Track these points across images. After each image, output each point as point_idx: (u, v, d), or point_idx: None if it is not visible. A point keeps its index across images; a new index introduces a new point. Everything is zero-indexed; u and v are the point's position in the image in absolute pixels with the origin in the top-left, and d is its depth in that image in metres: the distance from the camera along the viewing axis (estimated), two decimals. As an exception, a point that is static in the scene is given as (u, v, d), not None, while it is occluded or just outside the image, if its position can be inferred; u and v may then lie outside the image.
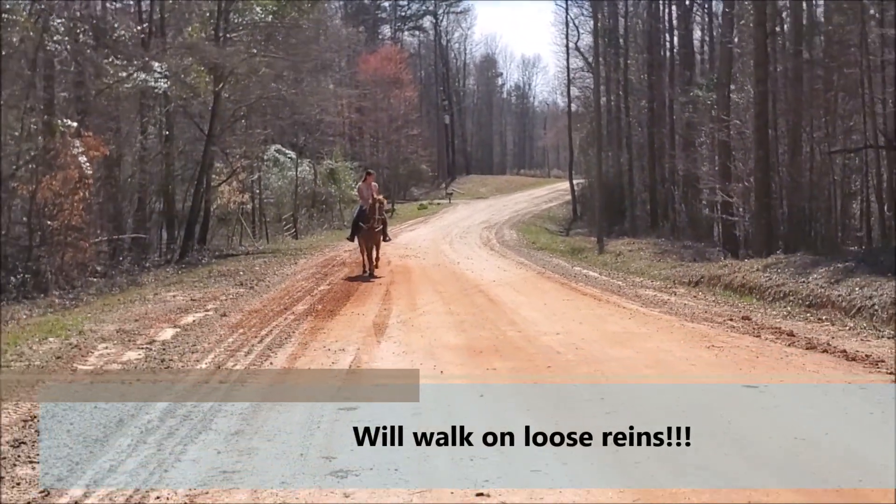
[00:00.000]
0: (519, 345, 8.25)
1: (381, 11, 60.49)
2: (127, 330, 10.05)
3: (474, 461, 4.52)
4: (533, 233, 32.41)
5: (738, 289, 14.03)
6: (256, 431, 5.39)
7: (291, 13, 26.39)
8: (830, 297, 11.76)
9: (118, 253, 20.89)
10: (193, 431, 5.46)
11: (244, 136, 29.42)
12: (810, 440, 4.80)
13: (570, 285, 14.32)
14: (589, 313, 10.48)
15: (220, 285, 15.20)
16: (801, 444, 4.70)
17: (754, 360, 7.29)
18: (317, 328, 9.59)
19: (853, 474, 4.24)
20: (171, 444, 5.19)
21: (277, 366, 7.55)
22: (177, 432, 5.46)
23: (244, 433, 5.37)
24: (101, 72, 20.11)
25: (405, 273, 16.29)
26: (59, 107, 19.41)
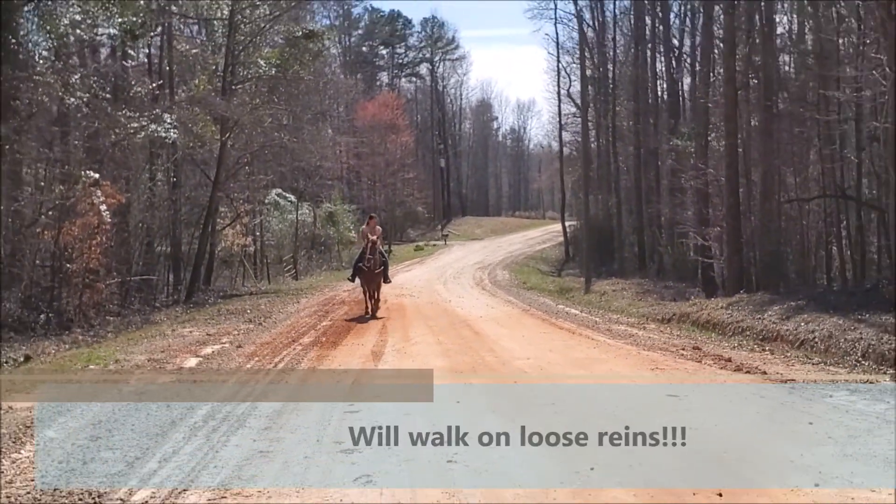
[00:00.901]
0: (494, 367, 10.01)
1: (378, 59, 63.09)
2: (156, 359, 11.74)
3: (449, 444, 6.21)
4: (525, 273, 34.12)
5: (704, 325, 15.69)
6: (281, 427, 7.11)
7: (294, 67, 28.30)
8: (780, 332, 13.46)
9: (129, 294, 22.51)
10: (232, 427, 7.16)
11: (247, 181, 31.32)
12: (702, 428, 6.50)
13: (549, 321, 16.05)
14: (560, 343, 12.23)
15: (231, 322, 16.88)
16: (694, 431, 6.39)
17: (686, 377, 9.02)
18: (322, 356, 11.31)
19: (724, 446, 5.95)
20: (217, 436, 6.89)
21: (292, 384, 9.25)
22: (219, 428, 7.16)
23: (272, 428, 7.07)
24: (116, 124, 21.93)
25: (400, 310, 17.99)
26: (74, 157, 21.14)
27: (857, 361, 10.83)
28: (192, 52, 28.71)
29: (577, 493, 5.00)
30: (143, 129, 22.56)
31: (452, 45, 66.49)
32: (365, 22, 62.32)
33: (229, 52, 26.70)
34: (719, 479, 5.13)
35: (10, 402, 8.89)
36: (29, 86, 17.31)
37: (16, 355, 13.23)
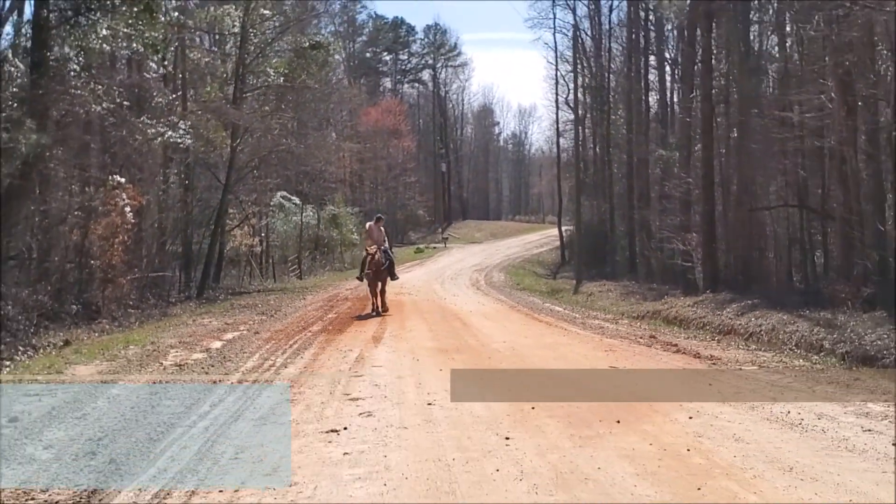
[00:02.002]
0: (474, 347, 12.18)
1: (382, 65, 65.38)
2: (185, 342, 13.87)
3: (434, 408, 8.30)
4: (520, 276, 36.26)
5: (672, 320, 17.78)
6: (301, 385, 9.25)
7: (301, 76, 30.43)
8: (734, 326, 15.56)
9: (146, 289, 24.61)
10: (262, 387, 9.29)
11: (255, 184, 33.47)
12: (622, 385, 8.64)
13: (532, 316, 18.19)
14: (535, 332, 14.39)
15: (245, 314, 19.01)
16: (616, 387, 8.52)
17: (631, 357, 11.15)
18: (330, 339, 13.46)
19: (635, 396, 8.06)
20: (251, 392, 9.02)
21: (307, 358, 11.38)
22: (251, 388, 9.29)
23: (294, 387, 9.20)
24: (136, 131, 24.04)
25: (399, 306, 20.11)
26: (98, 162, 23.24)
27: (790, 349, 12.87)
28: (203, 61, 30.85)
29: (518, 422, 7.11)
30: (160, 135, 24.72)
31: (454, 51, 68.99)
32: (369, 28, 64.83)
33: (240, 62, 28.85)
34: (622, 415, 7.23)
35: (73, 370, 11.05)
36: (64, 98, 19.41)
37: (55, 340, 15.27)
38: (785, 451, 6.10)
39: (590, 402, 7.84)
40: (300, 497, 5.26)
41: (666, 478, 5.43)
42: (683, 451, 6.07)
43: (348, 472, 5.74)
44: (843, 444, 6.33)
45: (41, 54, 18.49)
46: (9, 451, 6.82)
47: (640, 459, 5.85)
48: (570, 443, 6.36)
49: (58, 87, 19.29)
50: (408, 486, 5.39)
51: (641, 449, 6.14)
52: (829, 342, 12.44)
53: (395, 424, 7.14)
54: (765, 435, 6.61)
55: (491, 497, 5.10)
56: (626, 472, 5.56)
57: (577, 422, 7.04)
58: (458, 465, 5.81)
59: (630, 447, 6.20)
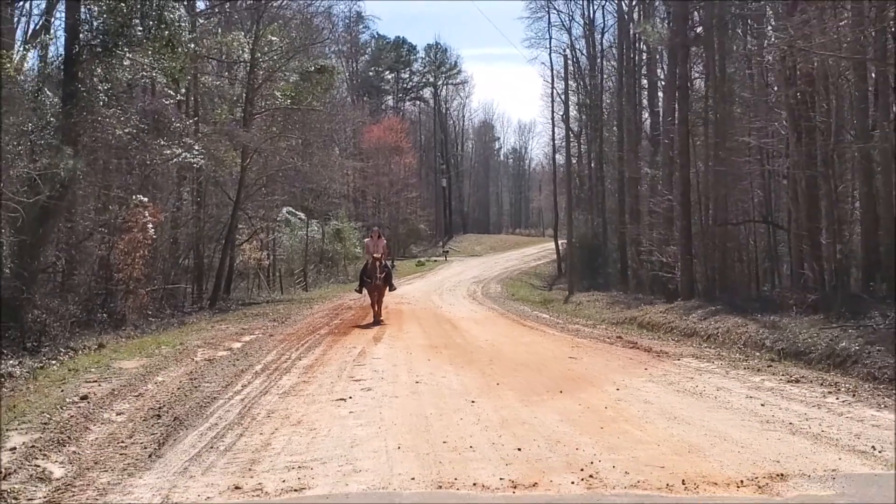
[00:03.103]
0: (460, 344, 14.44)
1: (384, 83, 67.99)
2: (209, 343, 16.10)
3: (421, 385, 10.50)
4: (515, 287, 38.50)
5: (645, 325, 19.96)
6: (313, 371, 11.49)
7: (307, 99, 32.76)
8: (696, 329, 17.73)
9: (162, 300, 26.84)
10: (282, 373, 11.52)
11: (263, 201, 35.79)
12: (575, 369, 10.85)
13: (519, 321, 20.42)
14: (516, 334, 16.63)
15: (258, 321, 21.24)
16: (569, 370, 10.71)
17: (591, 352, 13.38)
18: (336, 340, 15.70)
19: (582, 377, 10.27)
20: (274, 377, 11.24)
21: (317, 353, 13.62)
22: (273, 374, 11.52)
23: (307, 372, 11.44)
24: (155, 153, 26.34)
25: (398, 314, 22.35)
26: (119, 181, 25.51)
27: (739, 348, 15.02)
28: (214, 84, 33.22)
29: (484, 392, 9.34)
30: (176, 156, 27.01)
31: (455, 70, 71.75)
32: (371, 48, 67.58)
33: (250, 87, 31.22)
34: (565, 388, 9.45)
35: (119, 364, 13.28)
36: (94, 125, 21.74)
37: (89, 344, 17.46)
38: (678, 409, 8.32)
39: (544, 380, 10.07)
40: (319, 435, 7.48)
41: (581, 422, 7.65)
42: (601, 409, 8.29)
43: (353, 422, 7.98)
44: (725, 405, 8.55)
45: (73, 86, 20.81)
46: (90, 417, 9.03)
47: (567, 413, 8.08)
48: (519, 404, 8.60)
49: (88, 115, 21.64)
50: (395, 429, 7.62)
51: (571, 407, 8.37)
52: (769, 341, 14.59)
53: (389, 395, 9.39)
54: (668, 400, 8.83)
55: (453, 433, 7.31)
56: (554, 419, 7.79)
57: (530, 392, 9.28)
58: (434, 417, 8.05)
59: (563, 407, 8.43)
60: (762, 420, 7.74)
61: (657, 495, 5.40)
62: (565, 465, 6.12)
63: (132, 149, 24.94)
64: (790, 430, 7.31)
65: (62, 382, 11.40)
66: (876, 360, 11.63)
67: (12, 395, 10.44)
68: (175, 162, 27.44)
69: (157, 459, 6.93)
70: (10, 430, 8.29)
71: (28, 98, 20.14)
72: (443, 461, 6.29)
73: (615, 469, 5.96)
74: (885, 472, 5.94)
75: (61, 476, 6.62)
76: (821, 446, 6.69)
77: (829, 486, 5.60)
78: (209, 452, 7.03)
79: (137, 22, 20.92)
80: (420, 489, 5.64)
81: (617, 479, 5.74)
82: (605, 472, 5.90)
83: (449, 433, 7.28)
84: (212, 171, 29.95)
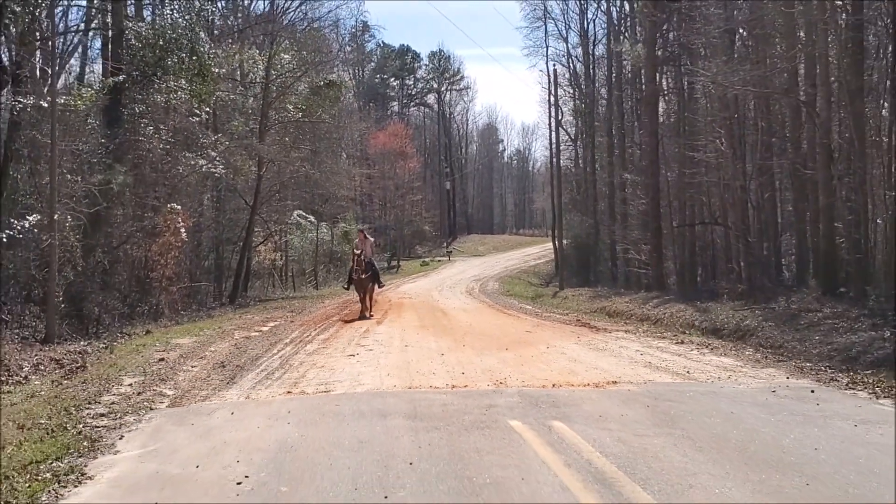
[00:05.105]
0: (446, 325, 18.70)
1: (389, 90, 72.37)
2: (242, 327, 20.32)
3: (408, 347, 14.65)
4: (512, 284, 42.62)
5: (611, 313, 24.01)
6: (327, 342, 15.72)
7: (318, 111, 36.95)
8: (650, 315, 21.82)
9: (189, 297, 31.02)
10: (304, 344, 15.73)
11: (277, 206, 40.07)
12: (527, 338, 15.03)
13: (503, 311, 24.60)
14: (494, 318, 20.85)
15: (277, 312, 25.45)
16: (522, 336, 14.86)
17: (547, 329, 17.54)
18: (346, 324, 19.97)
19: (530, 343, 14.43)
20: (298, 346, 15.45)
21: (330, 332, 17.84)
22: (298, 344, 15.72)
23: (323, 343, 15.63)
24: (184, 165, 30.55)
25: (399, 306, 26.54)
26: (153, 191, 29.68)
27: (677, 329, 19.09)
28: (230, 99, 37.43)
29: (452, 351, 13.54)
30: (200, 167, 31.18)
31: (458, 76, 76.16)
32: (377, 56, 72.03)
33: (264, 102, 35.46)
34: (511, 347, 13.61)
35: (176, 341, 17.50)
36: (137, 143, 26.04)
37: (138, 331, 21.66)
38: (582, 356, 12.50)
39: (498, 344, 14.28)
40: (336, 371, 11.68)
41: (510, 362, 11.87)
42: (529, 358, 12.49)
43: (359, 366, 12.19)
44: (615, 354, 12.72)
45: (118, 111, 25.09)
46: (174, 368, 13.23)
47: (504, 359, 12.30)
48: (474, 355, 12.82)
49: (132, 136, 25.93)
50: (387, 368, 11.83)
51: (508, 357, 12.59)
52: (698, 322, 18.70)
53: (385, 353, 13.66)
54: (579, 353, 13.02)
55: (424, 368, 11.49)
56: (494, 361, 12.02)
57: (484, 350, 13.50)
58: (414, 362, 12.28)
59: (504, 357, 12.64)
60: (632, 361, 11.94)
61: (534, 389, 9.58)
62: (487, 379, 10.36)
63: (166, 162, 29.23)
64: (645, 365, 11.50)
65: (137, 353, 15.53)
66: (766, 332, 15.76)
67: (99, 363, 14.61)
68: (199, 172, 31.50)
69: (232, 385, 11.15)
70: (122, 376, 12.50)
71: (81, 122, 24.47)
72: (414, 379, 10.54)
73: (517, 381, 10.19)
74: (680, 381, 10.09)
75: (172, 394, 10.83)
76: (654, 371, 10.88)
77: (640, 386, 9.76)
78: (266, 380, 11.27)
79: (173, 55, 25.06)
80: (398, 390, 9.85)
81: (515, 384, 9.96)
82: (509, 381, 10.13)
83: (421, 368, 11.51)
84: (230, 179, 34.07)
